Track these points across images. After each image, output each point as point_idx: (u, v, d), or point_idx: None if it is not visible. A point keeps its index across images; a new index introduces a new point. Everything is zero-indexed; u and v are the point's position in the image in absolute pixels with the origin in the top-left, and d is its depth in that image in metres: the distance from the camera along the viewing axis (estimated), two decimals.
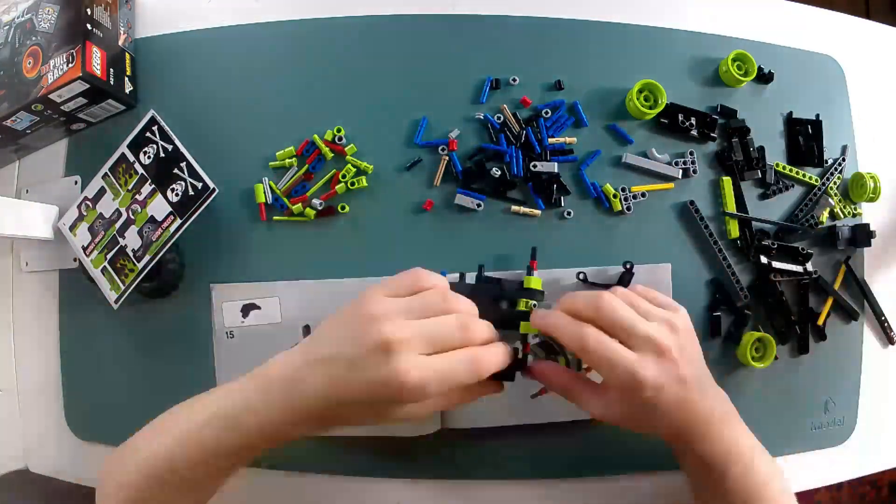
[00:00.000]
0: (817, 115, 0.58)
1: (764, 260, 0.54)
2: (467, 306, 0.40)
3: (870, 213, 0.58)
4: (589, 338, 0.39)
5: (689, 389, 0.40)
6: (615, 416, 0.41)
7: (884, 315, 0.57)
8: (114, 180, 0.52)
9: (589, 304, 0.41)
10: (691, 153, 0.55)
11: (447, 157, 0.54)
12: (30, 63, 0.53)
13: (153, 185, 0.50)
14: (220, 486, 0.43)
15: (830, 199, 0.57)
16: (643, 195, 0.54)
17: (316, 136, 0.54)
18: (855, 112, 0.60)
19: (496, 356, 0.38)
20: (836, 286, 0.56)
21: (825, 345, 0.55)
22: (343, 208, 0.53)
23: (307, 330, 0.52)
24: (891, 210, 0.59)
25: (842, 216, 0.57)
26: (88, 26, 0.52)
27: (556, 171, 0.53)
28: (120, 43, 0.56)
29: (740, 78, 0.56)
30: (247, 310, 0.52)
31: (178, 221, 0.49)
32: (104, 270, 0.51)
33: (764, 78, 0.58)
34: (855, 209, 0.57)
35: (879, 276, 0.58)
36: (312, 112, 0.55)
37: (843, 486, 1.35)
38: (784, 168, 0.56)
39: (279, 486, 0.53)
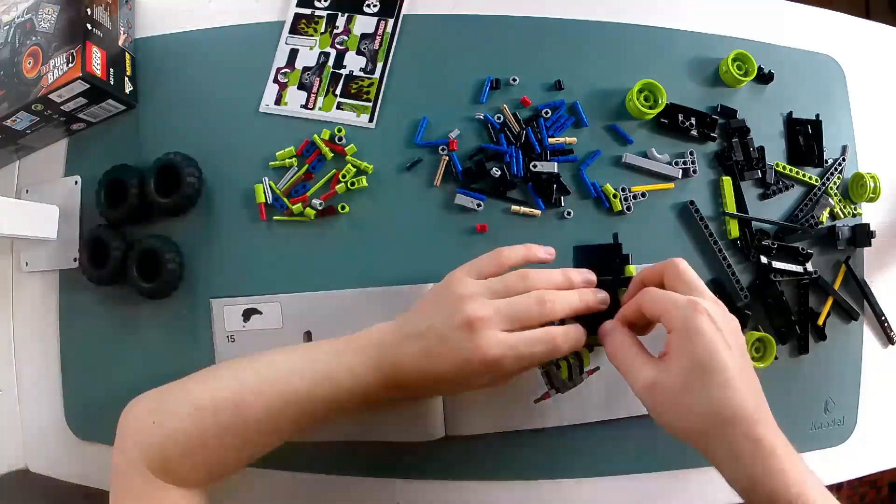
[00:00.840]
0: (817, 115, 0.58)
1: (764, 260, 0.54)
2: (548, 282, 0.42)
3: (870, 213, 0.58)
4: (648, 290, 0.40)
5: (743, 355, 0.38)
6: (663, 382, 0.37)
7: (884, 315, 0.57)
8: (299, 38, 0.55)
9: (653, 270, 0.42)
10: (691, 153, 0.55)
11: (447, 157, 0.54)
12: (30, 63, 0.53)
13: (347, 13, 0.55)
14: (277, 443, 0.42)
15: (830, 199, 0.57)
16: (643, 195, 0.54)
17: (316, 136, 0.54)
18: (855, 112, 0.60)
19: (571, 334, 0.41)
20: (836, 286, 0.56)
21: (825, 345, 0.55)
22: (343, 208, 0.53)
23: (308, 336, 0.52)
24: (891, 210, 0.59)
25: (842, 216, 0.57)
26: (88, 26, 0.52)
27: (556, 171, 0.53)
28: (120, 43, 0.56)
29: (740, 78, 0.56)
30: (248, 314, 0.52)
31: (391, 19, 0.53)
32: (341, 106, 0.52)
33: (764, 78, 0.58)
34: (855, 209, 0.57)
35: (879, 276, 0.58)
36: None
37: (843, 486, 1.35)
38: (784, 168, 0.56)
39: (279, 486, 0.53)
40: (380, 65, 0.53)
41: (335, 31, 0.55)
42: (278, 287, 0.53)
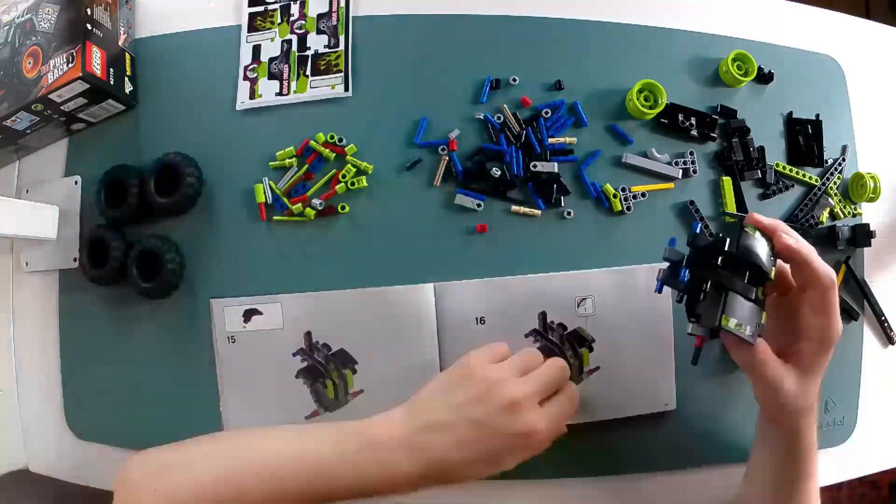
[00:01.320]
0: (817, 115, 0.58)
1: None
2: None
3: (870, 213, 0.58)
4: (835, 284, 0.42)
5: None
6: (794, 384, 0.41)
7: (884, 315, 0.57)
8: (259, 34, 0.57)
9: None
10: (691, 153, 0.55)
11: (447, 157, 0.54)
12: (30, 63, 0.53)
13: (299, 1, 0.57)
14: None
15: (830, 199, 0.57)
16: (643, 195, 0.54)
17: (313, 142, 0.54)
18: (855, 112, 0.60)
19: (575, 388, 0.46)
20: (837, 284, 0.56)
21: None
22: (343, 208, 0.53)
23: (308, 337, 0.52)
24: (891, 210, 0.59)
25: (842, 216, 0.57)
26: (88, 26, 0.52)
27: (556, 170, 0.53)
28: (120, 43, 0.56)
29: (740, 78, 0.56)
30: (248, 315, 0.52)
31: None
32: (314, 84, 0.55)
33: (764, 78, 0.58)
34: (855, 209, 0.57)
35: (879, 276, 0.58)
36: (312, 112, 0.55)
37: (843, 486, 1.35)
38: (784, 168, 0.56)
39: None
40: (342, 37, 0.56)
41: (291, 18, 0.57)
42: (278, 287, 0.53)
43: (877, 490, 1.37)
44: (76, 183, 0.57)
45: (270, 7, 0.58)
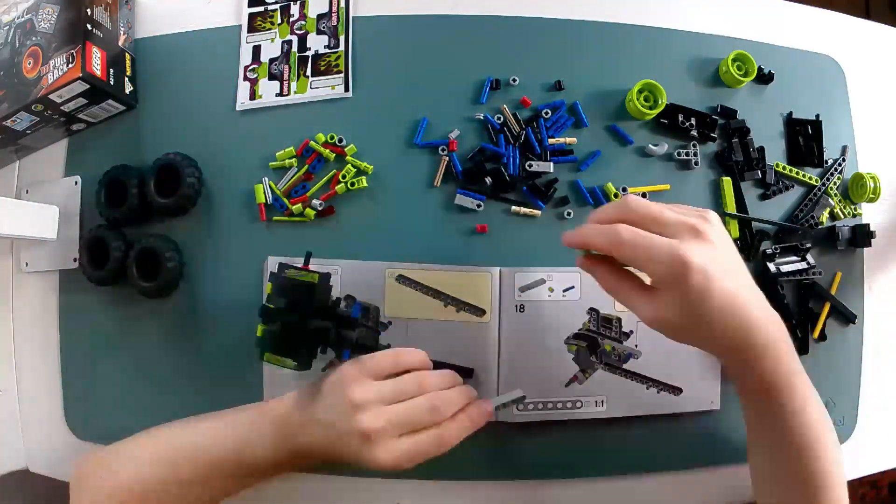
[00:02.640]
0: (817, 116, 0.58)
1: (773, 268, 0.53)
2: (440, 381, 0.44)
3: (870, 214, 0.58)
4: (622, 231, 0.36)
5: (740, 287, 0.37)
6: (668, 319, 0.37)
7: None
8: (259, 35, 0.57)
9: (616, 206, 0.39)
10: (694, 145, 0.55)
11: (447, 158, 0.54)
12: (30, 63, 0.53)
13: (299, 1, 0.58)
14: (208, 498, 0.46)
15: (830, 200, 0.57)
16: (643, 196, 0.54)
17: (313, 143, 0.54)
18: (855, 112, 0.60)
19: (460, 431, 0.42)
20: (833, 290, 0.56)
21: (825, 345, 0.55)
22: (343, 208, 0.53)
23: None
24: (891, 210, 0.59)
25: (842, 216, 0.57)
26: (88, 26, 0.52)
27: (551, 170, 0.53)
28: (120, 43, 0.56)
29: (740, 78, 0.56)
30: None
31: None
32: (314, 85, 0.55)
33: (764, 78, 0.58)
34: (855, 209, 0.57)
35: (879, 276, 0.58)
36: (312, 112, 0.55)
37: None
38: (784, 168, 0.56)
39: (279, 486, 0.53)
40: (342, 38, 0.56)
41: (292, 18, 0.57)
42: None
43: (877, 490, 1.37)
44: (76, 183, 0.57)
45: (270, 7, 0.58)
